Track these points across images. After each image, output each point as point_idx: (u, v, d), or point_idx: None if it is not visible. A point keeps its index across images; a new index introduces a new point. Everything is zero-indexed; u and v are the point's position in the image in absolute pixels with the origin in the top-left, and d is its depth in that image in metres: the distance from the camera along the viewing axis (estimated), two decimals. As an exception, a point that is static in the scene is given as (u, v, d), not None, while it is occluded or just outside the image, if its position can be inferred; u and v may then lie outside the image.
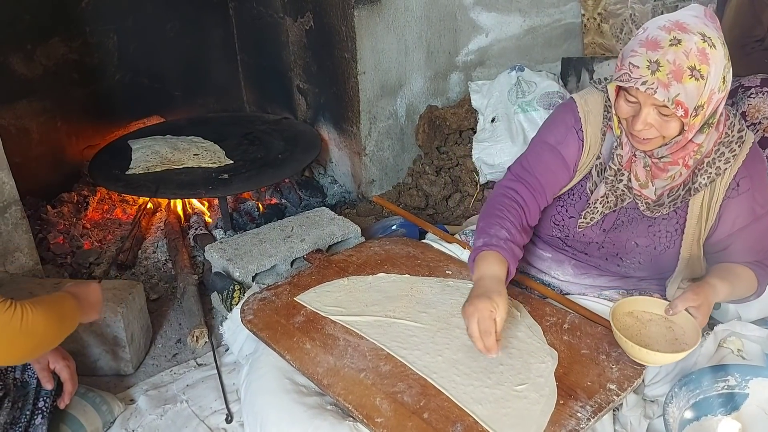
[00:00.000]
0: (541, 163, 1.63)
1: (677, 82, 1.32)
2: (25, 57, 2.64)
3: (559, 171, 1.63)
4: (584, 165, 1.62)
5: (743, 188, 1.51)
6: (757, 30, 2.39)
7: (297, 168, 2.70)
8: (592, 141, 1.60)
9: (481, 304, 1.39)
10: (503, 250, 1.51)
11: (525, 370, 1.44)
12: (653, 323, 1.53)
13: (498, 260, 1.50)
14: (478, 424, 1.30)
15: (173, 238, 2.50)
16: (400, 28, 2.64)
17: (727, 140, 1.49)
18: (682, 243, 1.59)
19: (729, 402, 1.53)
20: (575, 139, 1.60)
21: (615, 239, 1.64)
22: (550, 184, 1.63)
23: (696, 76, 1.32)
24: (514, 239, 1.54)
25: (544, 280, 1.81)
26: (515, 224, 1.57)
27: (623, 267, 1.68)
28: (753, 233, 1.55)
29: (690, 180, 1.52)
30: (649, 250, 1.62)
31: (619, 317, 1.52)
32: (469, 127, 2.92)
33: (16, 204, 2.01)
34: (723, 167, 1.49)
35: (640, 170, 1.52)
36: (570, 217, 1.68)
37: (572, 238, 1.70)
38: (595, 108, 1.60)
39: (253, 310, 1.68)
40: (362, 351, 1.51)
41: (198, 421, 1.75)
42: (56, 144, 2.84)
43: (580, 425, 1.31)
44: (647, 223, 1.60)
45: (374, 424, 1.32)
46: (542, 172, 1.63)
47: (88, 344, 1.87)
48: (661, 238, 1.60)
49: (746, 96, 2.35)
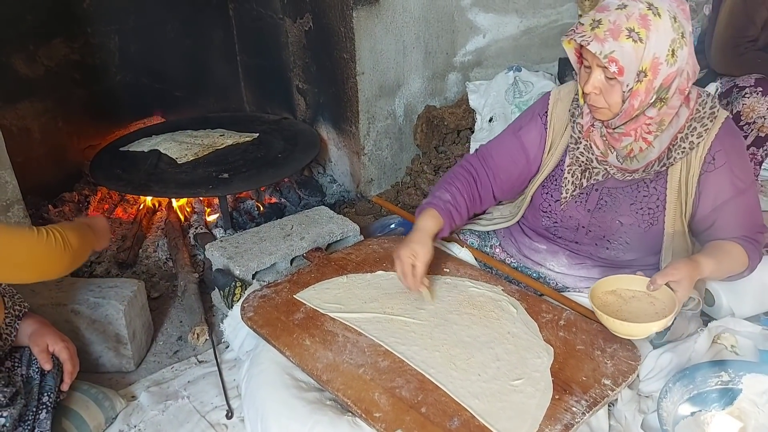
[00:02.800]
0: (501, 145, 1.81)
1: (613, 39, 1.40)
2: (27, 57, 2.66)
3: (516, 155, 1.78)
4: (553, 148, 1.73)
5: (719, 162, 1.57)
6: (751, 30, 2.40)
7: (296, 167, 2.72)
8: (557, 125, 1.72)
9: (401, 252, 1.63)
10: (440, 209, 1.71)
11: (521, 365, 1.46)
12: (635, 300, 1.56)
13: (433, 216, 1.70)
14: (475, 419, 1.32)
15: (174, 236, 2.52)
16: (399, 29, 2.66)
17: (699, 116, 1.56)
18: (665, 219, 1.64)
19: (723, 397, 1.55)
20: (537, 125, 1.75)
21: (600, 220, 1.70)
22: (504, 165, 1.79)
23: (634, 38, 1.40)
24: (455, 202, 1.74)
25: (541, 272, 1.84)
26: (461, 191, 1.76)
27: (612, 249, 1.72)
28: (738, 208, 1.60)
29: (665, 156, 1.58)
30: (634, 228, 1.66)
31: (601, 295, 1.57)
32: (466, 126, 2.94)
33: (18, 203, 2.03)
34: (696, 141, 1.55)
35: (597, 139, 1.63)
36: (555, 201, 1.74)
37: (560, 223, 1.76)
38: (566, 96, 1.72)
39: (254, 307, 1.70)
40: (361, 347, 1.53)
41: (199, 417, 1.77)
42: (58, 144, 2.86)
43: (575, 419, 1.33)
44: (629, 201, 1.66)
45: (373, 419, 1.34)
46: (499, 154, 1.80)
47: (90, 341, 1.89)
48: (644, 215, 1.65)
49: (741, 96, 2.36)
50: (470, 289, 1.72)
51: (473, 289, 1.72)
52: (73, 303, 1.87)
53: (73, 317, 1.87)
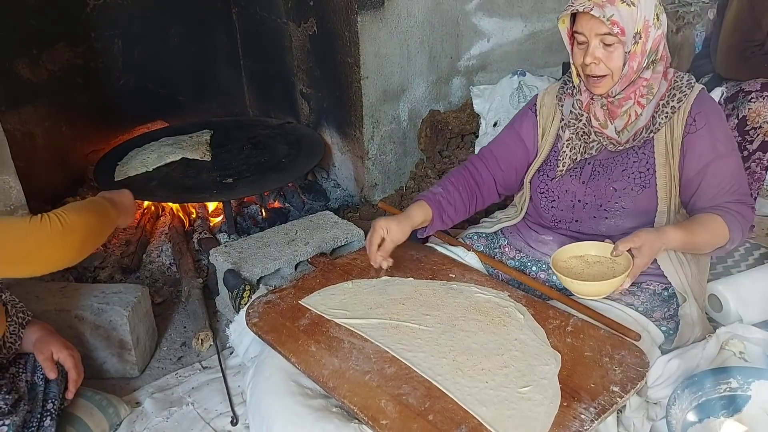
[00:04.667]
0: (500, 142, 1.94)
1: (611, 5, 1.55)
2: (30, 62, 2.66)
3: (514, 145, 1.90)
4: (546, 134, 1.85)
5: (700, 123, 1.68)
6: (757, 34, 2.40)
7: (300, 172, 2.72)
8: (546, 114, 1.85)
9: (377, 223, 1.74)
10: (429, 200, 1.83)
11: (529, 372, 1.45)
12: (599, 264, 1.69)
13: (420, 206, 1.81)
14: (483, 426, 1.31)
15: (177, 242, 2.52)
16: (403, 34, 2.66)
17: (677, 85, 1.70)
18: (656, 181, 1.71)
19: (731, 404, 1.55)
20: (529, 116, 1.89)
21: (594, 190, 1.77)
22: (503, 154, 1.91)
23: (627, 2, 1.56)
24: (446, 194, 1.85)
25: (550, 263, 1.84)
26: (455, 184, 1.88)
27: (611, 218, 1.77)
28: (720, 170, 1.68)
29: (651, 123, 1.70)
30: (627, 191, 1.73)
31: (566, 259, 1.71)
32: (471, 131, 2.93)
33: (22, 208, 2.02)
34: (677, 105, 1.68)
35: (598, 110, 1.73)
36: (551, 179, 1.83)
37: (558, 200, 1.82)
38: (551, 89, 1.88)
39: (258, 313, 1.69)
40: (367, 353, 1.52)
41: (203, 424, 1.76)
42: (61, 148, 2.86)
43: (583, 427, 1.31)
44: (621, 168, 1.74)
45: (379, 426, 1.33)
46: (500, 149, 1.92)
47: (94, 347, 1.89)
48: (635, 179, 1.73)
49: (747, 100, 2.36)
50: (476, 295, 1.71)
51: (479, 295, 1.71)
52: (77, 309, 1.86)
53: (76, 323, 1.86)
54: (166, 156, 2.68)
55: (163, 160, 2.66)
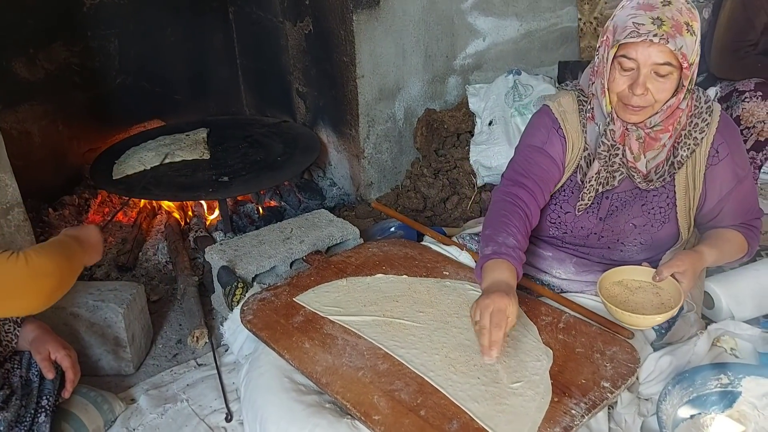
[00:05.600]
0: (533, 164, 1.68)
1: (679, 35, 1.42)
2: (27, 61, 2.67)
3: (551, 169, 1.69)
4: (571, 161, 1.69)
5: (723, 154, 1.61)
6: (751, 34, 2.41)
7: (296, 171, 2.72)
8: (573, 137, 1.67)
9: (498, 299, 1.39)
10: (512, 258, 1.52)
11: (520, 368, 1.46)
12: (641, 290, 1.60)
13: (507, 268, 1.50)
14: (474, 422, 1.32)
15: (173, 240, 2.53)
16: (399, 32, 2.66)
17: (697, 111, 1.58)
18: (677, 216, 1.66)
19: (722, 400, 1.56)
20: (557, 137, 1.68)
21: (612, 225, 1.69)
22: (545, 182, 1.68)
23: (690, 31, 1.44)
24: (520, 246, 1.56)
25: (544, 280, 1.84)
26: (521, 230, 1.58)
27: (626, 252, 1.72)
28: (738, 196, 1.65)
29: (672, 154, 1.60)
30: (647, 228, 1.67)
31: (608, 286, 1.61)
32: (466, 130, 2.94)
33: (18, 206, 2.03)
34: (699, 137, 1.58)
35: (633, 143, 1.58)
36: (566, 213, 1.73)
37: (570, 234, 1.74)
38: (569, 107, 1.69)
39: (253, 310, 1.70)
40: (360, 350, 1.53)
41: (198, 420, 1.77)
42: (58, 147, 2.86)
43: (574, 422, 1.32)
44: (640, 203, 1.67)
45: (372, 422, 1.34)
46: (536, 173, 1.67)
47: (89, 344, 1.89)
48: (655, 214, 1.67)
49: (740, 100, 2.37)
50: (470, 292, 1.72)
51: (473, 292, 1.72)
52: (72, 306, 1.87)
53: (72, 320, 1.87)
54: (163, 154, 2.69)
55: (161, 158, 2.67)
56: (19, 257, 1.25)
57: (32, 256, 1.27)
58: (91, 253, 1.52)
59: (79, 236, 1.49)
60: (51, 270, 1.29)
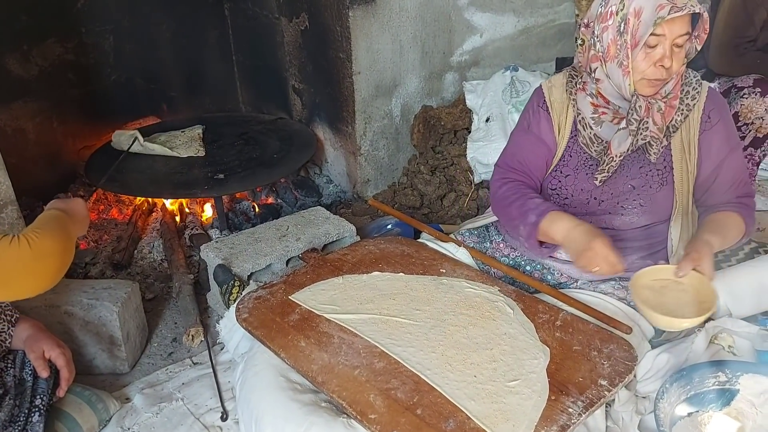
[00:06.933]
0: (521, 148, 1.80)
1: (699, 3, 1.52)
2: (21, 57, 2.65)
3: (538, 149, 1.78)
4: (561, 128, 1.76)
5: (714, 119, 1.68)
6: (750, 30, 2.40)
7: (292, 168, 2.71)
8: (557, 108, 1.76)
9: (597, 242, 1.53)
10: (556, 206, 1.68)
11: (517, 366, 1.45)
12: (667, 289, 1.59)
13: (563, 214, 1.64)
14: (471, 420, 1.31)
15: (169, 237, 2.51)
16: (395, 29, 2.65)
17: (687, 81, 1.68)
18: (674, 178, 1.70)
19: (720, 398, 1.55)
20: (543, 115, 1.78)
21: (612, 187, 1.73)
22: (537, 163, 1.78)
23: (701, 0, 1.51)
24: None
25: (546, 263, 1.84)
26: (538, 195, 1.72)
27: (627, 215, 1.74)
28: (731, 164, 1.69)
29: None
30: (645, 189, 1.71)
31: (638, 291, 1.58)
32: (463, 126, 2.93)
33: (12, 204, 2.01)
34: (691, 103, 1.66)
35: (656, 115, 1.63)
36: (566, 176, 1.77)
37: (571, 199, 1.77)
38: (557, 82, 1.78)
39: (249, 308, 1.69)
40: (356, 348, 1.52)
41: (193, 419, 1.76)
42: (52, 144, 2.85)
43: (571, 420, 1.32)
44: (638, 165, 1.71)
45: (368, 420, 1.33)
46: (525, 155, 1.78)
47: (84, 343, 1.88)
48: (653, 176, 1.71)
49: (739, 96, 2.36)
50: (466, 289, 1.71)
51: (469, 289, 1.71)
52: (67, 304, 1.86)
53: (66, 319, 1.85)
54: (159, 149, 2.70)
55: (156, 151, 2.68)
56: (21, 240, 1.26)
57: (33, 238, 1.27)
58: (79, 225, 1.51)
59: (68, 209, 1.49)
60: (54, 249, 1.30)
